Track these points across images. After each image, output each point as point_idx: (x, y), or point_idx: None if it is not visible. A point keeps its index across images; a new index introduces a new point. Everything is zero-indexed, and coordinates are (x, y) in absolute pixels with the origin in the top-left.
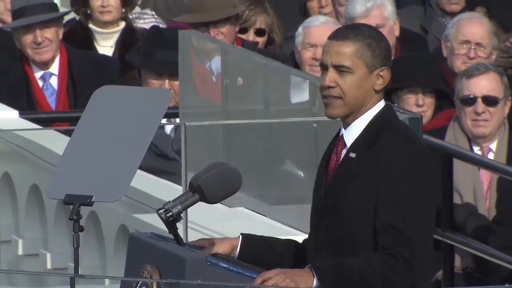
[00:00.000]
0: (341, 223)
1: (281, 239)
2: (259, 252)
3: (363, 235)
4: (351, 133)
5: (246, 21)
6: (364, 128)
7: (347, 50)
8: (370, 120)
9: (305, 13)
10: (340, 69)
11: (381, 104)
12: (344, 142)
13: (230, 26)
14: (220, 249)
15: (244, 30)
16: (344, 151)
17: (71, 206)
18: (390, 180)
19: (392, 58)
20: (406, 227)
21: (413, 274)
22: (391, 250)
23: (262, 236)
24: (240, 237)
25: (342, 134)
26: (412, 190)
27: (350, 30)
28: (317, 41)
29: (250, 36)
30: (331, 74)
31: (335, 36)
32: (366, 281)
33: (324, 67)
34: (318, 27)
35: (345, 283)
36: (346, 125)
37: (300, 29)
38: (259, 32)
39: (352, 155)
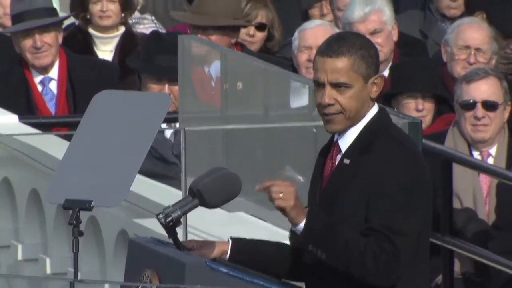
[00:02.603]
0: None
1: (271, 241)
2: (249, 255)
3: None
4: (346, 139)
5: (247, 16)
6: (359, 134)
7: (343, 66)
8: (365, 126)
9: (307, 21)
10: (338, 86)
11: (375, 109)
12: (339, 148)
13: (221, 37)
14: (210, 253)
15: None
16: (339, 157)
17: (70, 211)
18: (379, 186)
19: (391, 63)
20: (392, 233)
21: (390, 275)
22: (379, 244)
23: (252, 239)
24: (230, 241)
25: (337, 139)
26: (401, 197)
27: (341, 43)
28: (312, 43)
29: (251, 30)
30: (329, 92)
31: (327, 52)
32: (347, 251)
33: (319, 84)
34: (312, 29)
35: (328, 242)
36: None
37: (296, 33)
38: (260, 27)
39: (347, 161)
